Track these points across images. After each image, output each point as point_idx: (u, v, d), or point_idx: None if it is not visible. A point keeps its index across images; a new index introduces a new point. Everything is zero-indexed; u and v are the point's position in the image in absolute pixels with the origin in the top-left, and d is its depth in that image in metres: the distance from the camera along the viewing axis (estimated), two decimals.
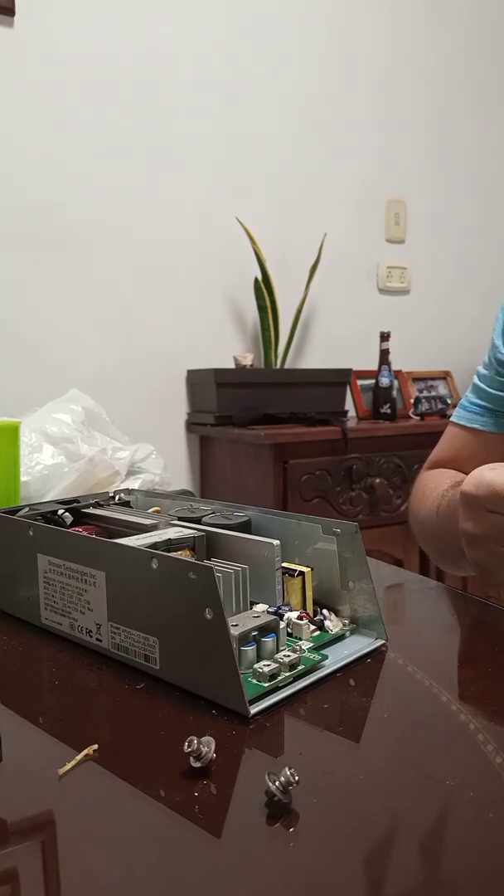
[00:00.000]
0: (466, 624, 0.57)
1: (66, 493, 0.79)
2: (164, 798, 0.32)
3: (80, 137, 1.69)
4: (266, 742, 0.37)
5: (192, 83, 1.85)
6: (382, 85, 2.13)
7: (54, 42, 1.65)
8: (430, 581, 0.69)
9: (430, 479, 0.85)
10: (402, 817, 0.31)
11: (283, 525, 0.53)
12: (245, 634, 0.43)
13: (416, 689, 0.43)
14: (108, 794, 0.33)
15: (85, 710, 0.41)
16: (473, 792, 0.32)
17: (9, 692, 0.43)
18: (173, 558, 0.43)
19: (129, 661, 0.45)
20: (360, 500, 1.69)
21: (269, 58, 1.95)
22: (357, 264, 2.16)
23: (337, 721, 0.39)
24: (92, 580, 0.47)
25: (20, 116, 1.62)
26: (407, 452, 1.74)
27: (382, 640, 0.49)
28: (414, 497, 0.87)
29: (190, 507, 0.59)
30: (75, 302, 1.70)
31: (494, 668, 0.46)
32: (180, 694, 0.42)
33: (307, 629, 0.47)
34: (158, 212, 1.82)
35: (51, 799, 0.32)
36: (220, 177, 1.90)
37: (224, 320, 1.94)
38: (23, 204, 1.64)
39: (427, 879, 0.27)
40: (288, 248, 1.99)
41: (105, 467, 0.82)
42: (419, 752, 0.36)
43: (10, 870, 0.28)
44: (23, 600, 0.53)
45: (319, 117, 2.05)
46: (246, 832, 0.30)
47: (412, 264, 2.25)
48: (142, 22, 1.75)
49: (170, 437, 1.87)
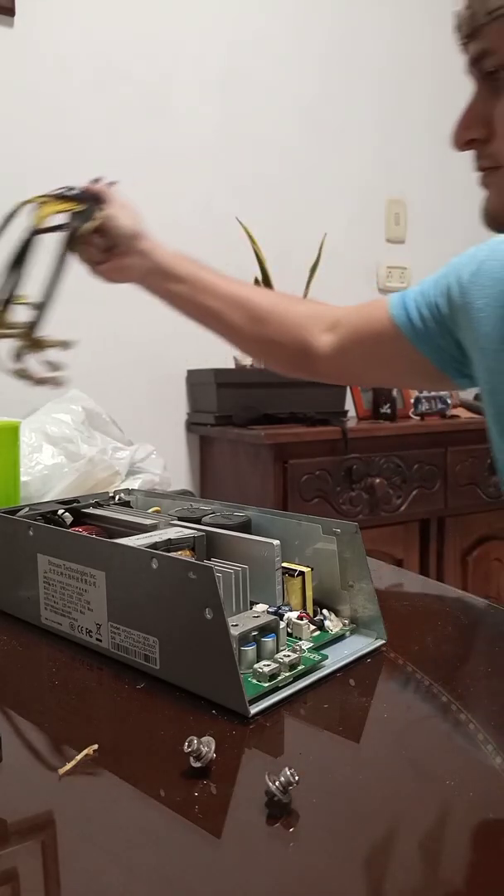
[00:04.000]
0: (466, 624, 0.57)
1: (66, 493, 0.79)
2: (164, 798, 0.32)
3: (79, 137, 1.69)
4: (266, 742, 0.37)
5: (192, 83, 1.85)
6: (382, 85, 2.13)
7: (54, 42, 1.65)
8: (430, 581, 0.69)
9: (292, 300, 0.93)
10: (402, 817, 0.31)
11: (283, 525, 0.53)
12: (245, 634, 0.43)
13: (416, 689, 0.43)
14: (108, 794, 0.33)
15: (85, 710, 0.41)
16: (473, 792, 0.32)
17: (9, 692, 0.43)
18: (173, 558, 0.43)
19: (129, 661, 0.45)
20: (360, 500, 1.69)
21: (269, 58, 1.95)
22: (357, 264, 2.16)
23: (337, 721, 0.39)
24: (92, 580, 0.47)
25: (20, 116, 1.62)
26: (407, 452, 1.74)
27: (382, 640, 0.49)
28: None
29: (190, 507, 0.59)
30: (75, 301, 1.70)
31: (494, 668, 0.46)
32: (180, 694, 0.42)
33: (307, 629, 0.47)
34: (158, 212, 1.81)
35: (51, 799, 0.32)
36: (220, 177, 1.90)
37: None
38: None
39: (427, 879, 0.27)
40: (288, 248, 1.99)
41: (105, 467, 0.83)
42: (419, 752, 0.36)
43: (10, 870, 0.28)
44: (23, 600, 0.53)
45: (319, 117, 2.05)
46: (246, 832, 0.30)
47: (412, 264, 2.25)
48: (142, 22, 1.75)
49: (170, 437, 1.87)
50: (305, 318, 0.91)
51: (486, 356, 0.72)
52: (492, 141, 0.62)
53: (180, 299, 0.90)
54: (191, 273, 0.90)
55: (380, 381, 0.90)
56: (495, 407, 0.72)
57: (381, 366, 0.87)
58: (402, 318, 0.82)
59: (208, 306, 0.89)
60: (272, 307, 0.90)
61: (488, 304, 0.72)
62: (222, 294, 0.89)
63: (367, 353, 0.86)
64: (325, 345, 0.89)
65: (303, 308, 0.94)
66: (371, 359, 0.86)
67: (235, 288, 0.91)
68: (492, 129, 0.61)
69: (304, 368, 0.92)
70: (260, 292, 0.93)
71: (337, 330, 0.89)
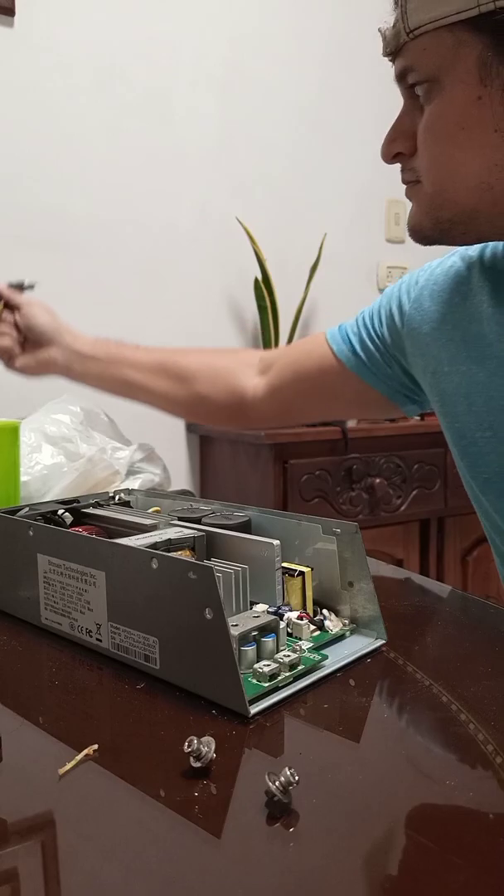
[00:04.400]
0: (466, 624, 0.57)
1: (65, 492, 0.79)
2: (164, 798, 0.32)
3: (79, 137, 1.69)
4: (266, 742, 0.37)
5: (192, 83, 1.85)
6: (383, 85, 2.13)
7: (54, 42, 1.65)
8: (430, 581, 0.69)
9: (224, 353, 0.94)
10: (401, 817, 0.31)
11: (283, 525, 0.53)
12: (245, 634, 0.43)
13: (416, 689, 0.43)
14: (108, 794, 0.33)
15: (85, 710, 0.41)
16: (473, 792, 0.32)
17: (9, 692, 0.43)
18: (173, 558, 0.43)
19: (129, 661, 0.45)
20: (360, 500, 1.69)
21: (269, 57, 1.95)
22: (357, 264, 2.16)
23: (337, 721, 0.39)
24: (92, 580, 0.47)
25: (20, 116, 1.62)
26: (407, 452, 1.74)
27: (382, 640, 0.49)
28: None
29: (190, 507, 0.59)
30: (75, 302, 1.70)
31: (494, 668, 0.46)
32: (180, 694, 0.42)
33: (307, 629, 0.47)
34: (158, 212, 1.82)
35: (51, 799, 0.32)
36: (220, 177, 1.90)
37: (224, 320, 1.94)
38: (22, 204, 1.64)
39: (427, 879, 0.27)
40: (288, 248, 1.99)
41: (105, 466, 0.83)
42: (419, 752, 0.36)
43: (10, 870, 0.28)
44: (23, 600, 0.53)
45: (319, 117, 2.05)
46: (246, 832, 0.30)
47: (412, 264, 2.25)
48: (142, 22, 1.75)
49: (170, 436, 1.87)
50: (235, 365, 0.92)
51: (438, 379, 0.72)
52: (415, 155, 0.63)
53: (104, 380, 0.92)
54: (110, 353, 0.92)
55: (322, 416, 0.91)
56: (453, 432, 0.71)
57: (324, 401, 0.87)
58: (345, 351, 0.82)
59: (132, 380, 0.91)
60: (199, 364, 0.92)
61: (433, 327, 0.72)
62: (145, 364, 0.91)
63: (307, 389, 0.86)
64: (259, 387, 0.89)
65: (230, 357, 0.95)
66: (312, 395, 0.86)
67: (157, 356, 0.93)
68: (415, 143, 0.62)
69: (240, 417, 0.93)
70: (184, 353, 0.95)
71: (270, 372, 0.89)
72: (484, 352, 0.67)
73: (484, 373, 0.67)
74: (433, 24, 0.56)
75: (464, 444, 0.69)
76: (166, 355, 0.94)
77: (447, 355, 0.70)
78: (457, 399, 0.69)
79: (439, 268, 0.76)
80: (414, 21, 0.57)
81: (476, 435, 0.68)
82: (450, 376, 0.70)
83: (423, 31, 0.57)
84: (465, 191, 0.59)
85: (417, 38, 0.57)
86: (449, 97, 0.58)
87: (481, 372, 0.67)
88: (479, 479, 0.69)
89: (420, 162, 0.62)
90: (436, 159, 0.60)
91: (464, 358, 0.68)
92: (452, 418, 0.71)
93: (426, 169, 0.61)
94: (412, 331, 0.75)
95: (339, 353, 0.82)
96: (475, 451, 0.68)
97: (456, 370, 0.69)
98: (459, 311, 0.70)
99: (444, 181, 0.60)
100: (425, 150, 0.61)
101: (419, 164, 0.62)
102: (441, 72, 0.57)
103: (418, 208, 0.64)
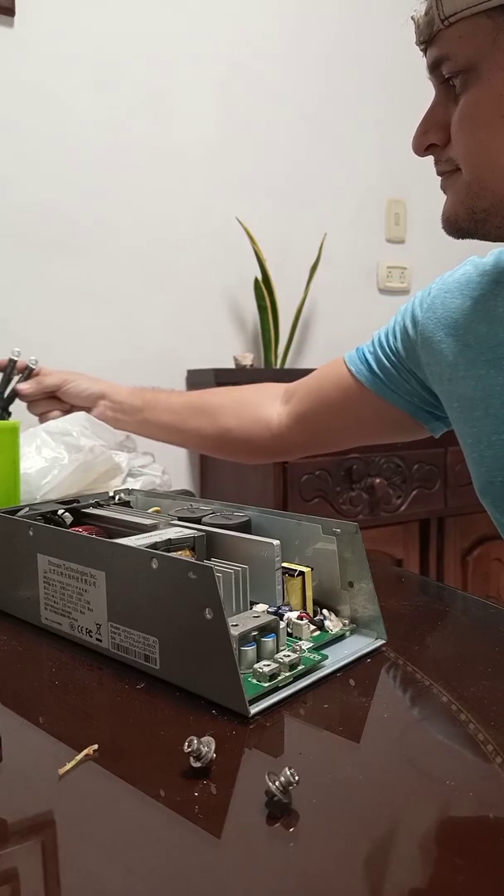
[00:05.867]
0: (466, 624, 0.57)
1: (66, 484, 0.79)
2: (164, 798, 0.32)
3: (79, 137, 1.69)
4: (266, 742, 0.37)
5: (193, 83, 1.84)
6: (383, 85, 2.13)
7: (54, 42, 1.65)
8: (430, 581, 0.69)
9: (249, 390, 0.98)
10: (402, 817, 0.31)
11: (283, 525, 0.53)
12: (245, 634, 0.43)
13: (416, 689, 0.43)
14: (108, 794, 0.33)
15: (85, 710, 0.41)
16: (473, 792, 0.32)
17: (9, 692, 0.43)
18: (173, 558, 0.43)
19: (129, 661, 0.45)
20: (360, 500, 1.69)
21: (270, 57, 1.95)
22: (357, 264, 2.16)
23: (337, 721, 0.39)
24: (92, 580, 0.47)
25: (20, 116, 1.62)
26: (407, 452, 1.74)
27: (382, 640, 0.49)
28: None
29: (190, 507, 0.59)
30: (75, 302, 1.70)
31: (494, 668, 0.46)
32: (180, 694, 0.42)
33: (307, 629, 0.47)
34: (158, 211, 1.82)
35: (51, 799, 0.32)
36: (220, 177, 1.90)
37: (224, 320, 1.94)
38: (22, 204, 1.64)
39: (427, 879, 0.27)
40: (288, 248, 1.99)
41: (105, 459, 0.83)
42: (419, 752, 0.36)
43: (10, 870, 0.28)
44: (23, 600, 0.53)
45: (320, 117, 2.05)
46: (246, 832, 0.30)
47: (412, 264, 2.25)
48: (142, 22, 1.75)
49: None
50: (259, 397, 0.94)
51: (454, 385, 0.71)
52: (449, 145, 0.62)
53: (143, 426, 0.97)
54: (146, 400, 0.97)
55: (352, 441, 0.92)
56: (472, 436, 0.71)
57: (348, 424, 0.87)
58: (363, 371, 0.82)
59: (168, 423, 0.96)
60: (224, 399, 0.97)
61: (447, 333, 0.72)
62: (176, 406, 0.97)
63: (330, 413, 0.87)
64: (283, 415, 0.90)
65: (255, 390, 0.98)
66: (336, 419, 0.87)
67: (188, 397, 0.99)
68: (449, 133, 0.61)
69: (269, 449, 0.94)
70: (213, 392, 1.00)
71: (293, 399, 0.90)
72: (500, 356, 0.67)
73: (501, 376, 0.67)
74: (470, 9, 0.54)
75: (481, 448, 0.69)
76: (196, 395, 0.98)
77: (463, 360, 0.70)
78: (474, 403, 0.69)
79: (451, 277, 0.76)
80: (449, 7, 0.55)
81: (493, 438, 0.68)
82: (466, 381, 0.70)
83: (459, 17, 0.55)
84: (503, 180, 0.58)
85: (453, 24, 0.55)
86: (487, 85, 0.56)
87: (499, 375, 0.67)
88: (496, 482, 0.69)
89: (457, 150, 0.61)
90: (473, 149, 0.59)
91: (481, 363, 0.68)
92: (470, 423, 0.71)
93: (463, 158, 0.60)
94: (426, 340, 0.74)
95: (358, 373, 0.83)
96: (491, 454, 0.68)
97: (472, 374, 0.69)
98: (473, 316, 0.70)
99: (483, 170, 0.59)
100: (462, 140, 0.60)
101: (456, 153, 0.61)
102: (479, 59, 0.55)
103: (455, 198, 0.63)
